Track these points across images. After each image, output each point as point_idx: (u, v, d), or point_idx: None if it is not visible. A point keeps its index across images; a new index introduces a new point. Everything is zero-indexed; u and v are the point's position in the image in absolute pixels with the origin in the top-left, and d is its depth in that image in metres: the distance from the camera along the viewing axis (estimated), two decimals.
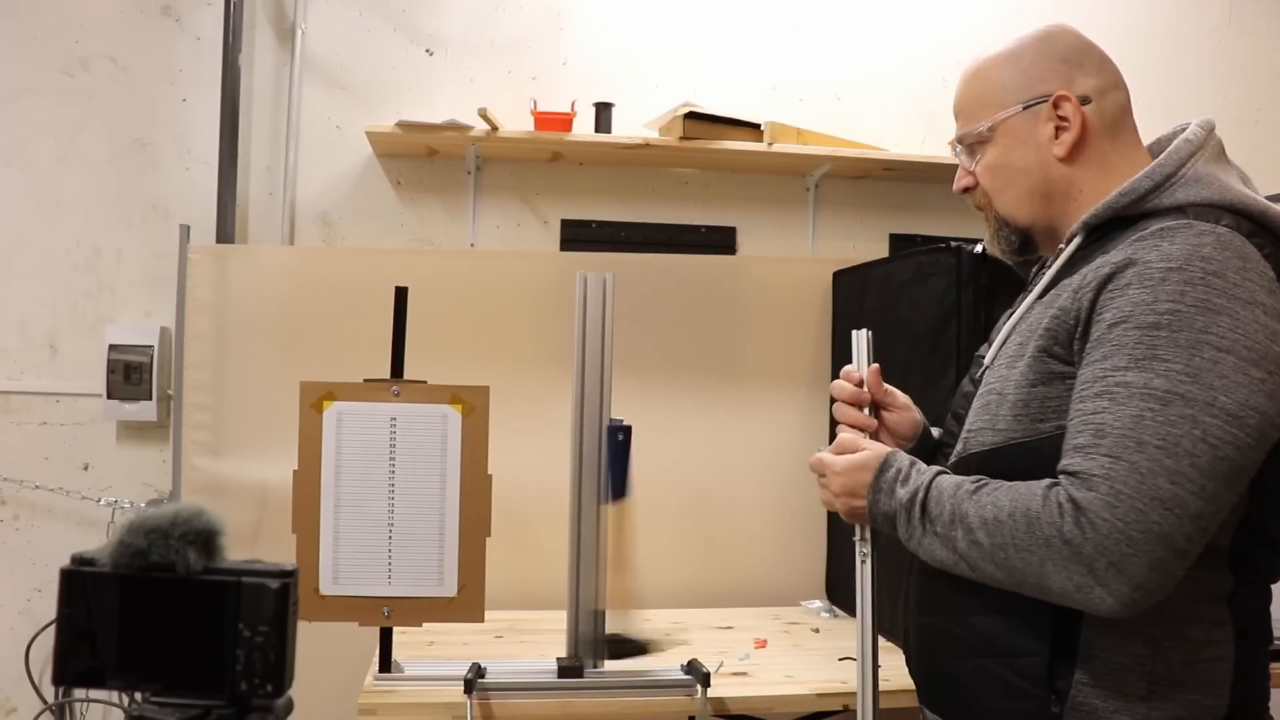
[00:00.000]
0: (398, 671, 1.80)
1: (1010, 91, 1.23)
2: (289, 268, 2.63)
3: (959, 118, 1.31)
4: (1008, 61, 1.25)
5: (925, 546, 1.16)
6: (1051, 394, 1.11)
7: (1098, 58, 1.24)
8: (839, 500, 1.26)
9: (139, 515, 0.79)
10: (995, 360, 1.22)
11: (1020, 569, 1.06)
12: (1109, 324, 1.06)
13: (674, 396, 2.65)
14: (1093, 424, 1.03)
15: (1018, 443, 1.13)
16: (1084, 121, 1.20)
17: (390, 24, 2.80)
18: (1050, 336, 1.12)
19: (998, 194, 1.27)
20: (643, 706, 1.78)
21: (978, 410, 1.21)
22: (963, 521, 1.11)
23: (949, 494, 1.13)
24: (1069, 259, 1.18)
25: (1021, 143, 1.23)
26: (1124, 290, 1.05)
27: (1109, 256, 1.09)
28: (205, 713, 0.77)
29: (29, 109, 2.69)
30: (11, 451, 2.67)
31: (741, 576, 2.60)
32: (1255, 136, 3.13)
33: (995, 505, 1.09)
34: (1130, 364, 1.02)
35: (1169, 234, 1.06)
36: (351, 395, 1.74)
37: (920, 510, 1.15)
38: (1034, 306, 1.20)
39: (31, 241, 2.69)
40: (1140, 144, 1.25)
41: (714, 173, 2.90)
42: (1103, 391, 1.04)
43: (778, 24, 2.92)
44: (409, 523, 1.74)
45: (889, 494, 1.19)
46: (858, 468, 1.23)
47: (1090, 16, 3.05)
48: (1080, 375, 1.08)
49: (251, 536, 2.46)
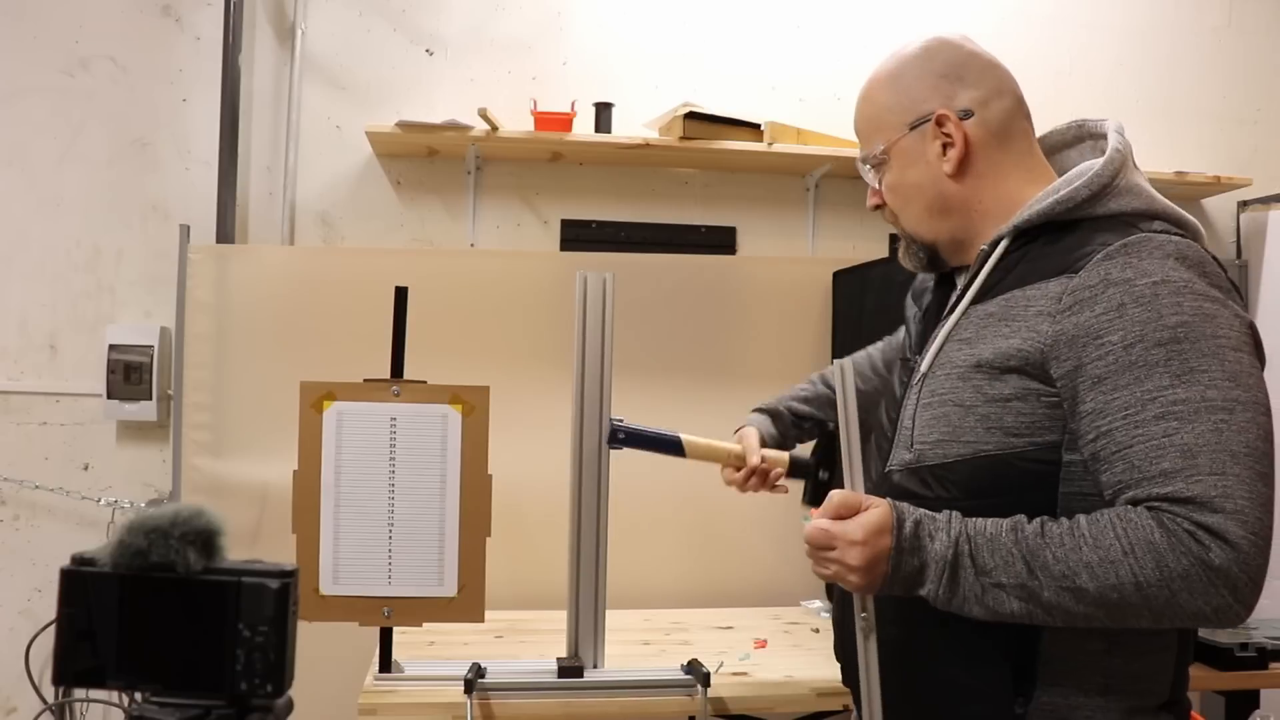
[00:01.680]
0: (398, 671, 1.80)
1: (896, 113, 1.25)
2: (289, 268, 2.63)
3: (859, 139, 1.32)
4: (890, 83, 1.27)
5: (975, 600, 1.07)
6: (1027, 409, 1.11)
7: (979, 68, 1.24)
8: (858, 575, 1.09)
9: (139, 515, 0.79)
10: (933, 369, 1.20)
11: (1137, 605, 1.03)
12: (1123, 346, 1.05)
13: (674, 396, 2.65)
14: (1173, 446, 1.02)
15: (989, 455, 1.12)
16: (966, 137, 1.21)
17: (390, 24, 2.80)
18: (1022, 357, 1.11)
19: (901, 212, 1.29)
20: (643, 706, 1.78)
21: (932, 420, 1.18)
22: (1046, 570, 1.04)
23: (1005, 542, 1.06)
24: (996, 264, 1.18)
25: (913, 163, 1.25)
26: (1120, 311, 1.06)
27: (1079, 280, 1.09)
28: (205, 713, 0.77)
29: (29, 109, 2.69)
30: (11, 451, 2.67)
31: (741, 576, 2.60)
32: (1255, 136, 3.13)
33: (1095, 547, 1.03)
34: (1174, 381, 1.03)
35: (1134, 249, 1.08)
36: (351, 395, 1.74)
37: (970, 563, 1.06)
38: (969, 313, 1.19)
39: (31, 241, 2.69)
40: (1034, 146, 1.26)
41: (714, 173, 2.90)
42: (1163, 413, 1.03)
43: (778, 24, 2.92)
44: (409, 523, 1.74)
45: (912, 551, 1.08)
46: (878, 531, 1.08)
47: (1090, 16, 3.06)
48: (1110, 401, 1.05)
49: (251, 536, 2.46)
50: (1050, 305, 1.10)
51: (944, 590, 1.07)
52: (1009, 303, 1.15)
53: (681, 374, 2.69)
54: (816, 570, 1.13)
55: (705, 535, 2.62)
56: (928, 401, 1.19)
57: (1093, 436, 1.07)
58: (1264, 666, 1.95)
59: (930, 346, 1.23)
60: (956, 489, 1.14)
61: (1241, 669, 1.94)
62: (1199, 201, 3.15)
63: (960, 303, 1.21)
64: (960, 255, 1.27)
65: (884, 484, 1.23)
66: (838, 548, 1.09)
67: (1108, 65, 3.06)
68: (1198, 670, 1.94)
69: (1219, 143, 3.11)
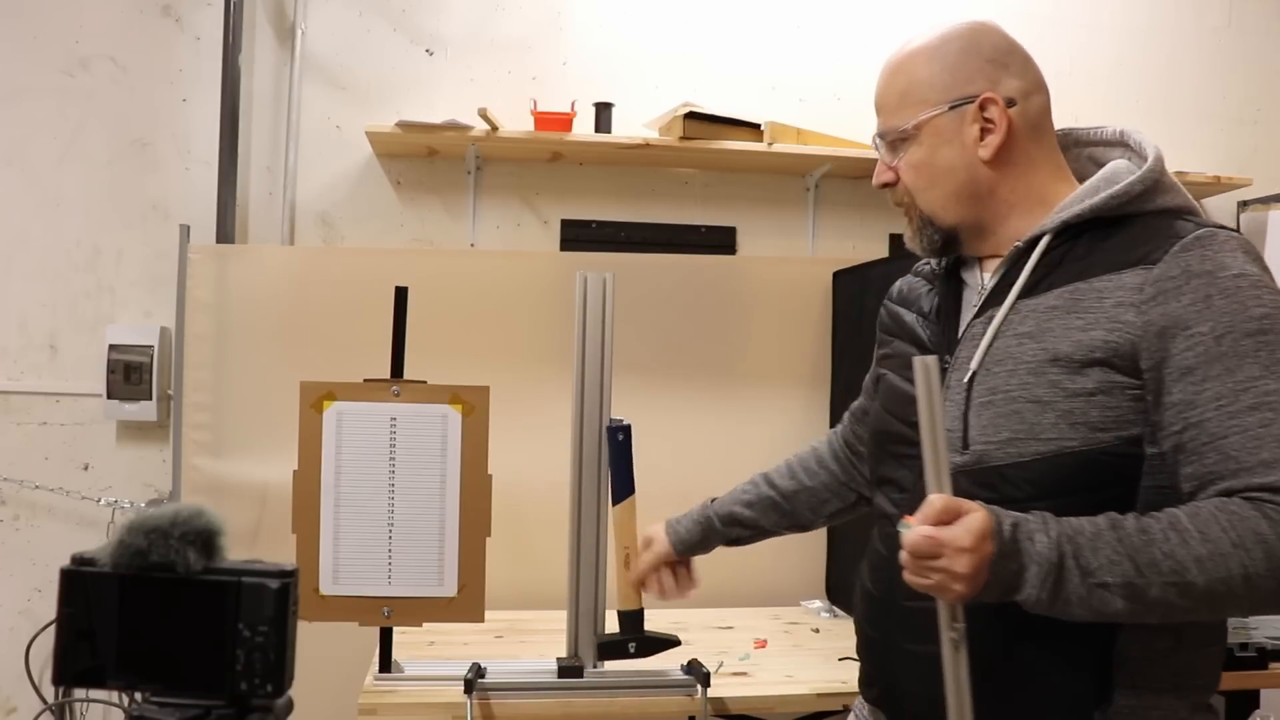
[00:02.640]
0: (398, 671, 1.80)
1: (936, 90, 1.22)
2: (289, 268, 2.63)
3: (881, 112, 1.27)
4: (933, 58, 1.22)
5: (1079, 602, 1.03)
6: (1111, 403, 1.09)
7: (1022, 59, 1.23)
8: (964, 583, 1.02)
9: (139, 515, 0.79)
10: (986, 366, 1.16)
11: (1242, 597, 1.02)
12: (1213, 337, 1.05)
13: (674, 396, 2.65)
14: (1271, 436, 1.02)
15: (1074, 451, 1.09)
16: (1010, 124, 1.20)
17: (390, 24, 2.80)
18: (1110, 349, 1.09)
19: (921, 193, 1.24)
20: (643, 706, 1.78)
21: (997, 419, 1.13)
22: (1154, 567, 1.01)
23: (1109, 540, 1.03)
24: (1041, 258, 1.17)
25: (947, 143, 1.21)
26: (1207, 302, 1.06)
27: (1159, 270, 1.08)
28: (205, 713, 0.77)
29: (29, 109, 2.69)
30: (11, 451, 2.67)
31: (741, 576, 2.59)
32: (1255, 136, 3.13)
33: (1204, 541, 1.01)
34: (1264, 372, 1.04)
35: (1207, 242, 1.09)
36: (351, 395, 1.74)
37: (1074, 564, 1.02)
38: (1017, 308, 1.16)
39: (31, 241, 2.69)
40: (1057, 145, 1.26)
41: (714, 173, 2.90)
42: (1257, 404, 1.03)
43: (778, 24, 2.92)
44: (409, 523, 1.74)
45: (1011, 556, 1.03)
46: (983, 536, 1.02)
47: (1090, 16, 3.06)
48: (1201, 391, 1.05)
49: (251, 536, 2.46)
50: (1131, 296, 1.09)
51: (1047, 593, 1.03)
52: (1075, 295, 1.12)
53: (681, 374, 2.69)
54: (914, 580, 1.05)
55: None
56: (986, 400, 1.14)
57: (1180, 428, 1.06)
58: (1264, 666, 1.95)
59: (970, 344, 1.19)
60: (1031, 488, 1.10)
61: (1241, 669, 1.94)
62: (1199, 201, 3.14)
63: (1006, 297, 1.17)
64: (978, 243, 1.25)
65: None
66: (945, 555, 1.02)
67: (1108, 65, 3.06)
68: None
69: (1219, 143, 3.10)
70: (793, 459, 1.63)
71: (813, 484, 1.57)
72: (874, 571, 1.29)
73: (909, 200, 1.26)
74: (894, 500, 1.26)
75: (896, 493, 1.25)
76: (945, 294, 1.28)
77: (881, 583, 1.26)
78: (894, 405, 1.29)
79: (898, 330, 1.35)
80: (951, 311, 1.26)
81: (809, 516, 1.58)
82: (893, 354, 1.33)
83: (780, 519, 1.59)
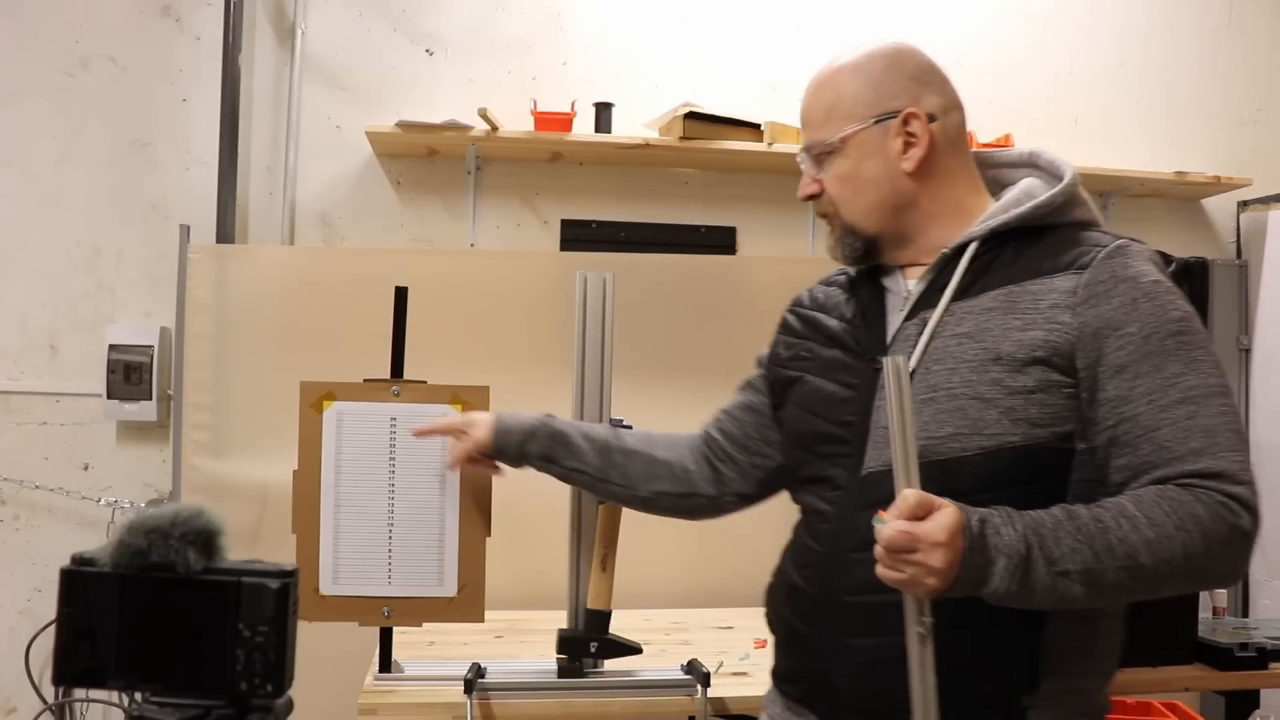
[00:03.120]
0: (398, 671, 1.80)
1: (861, 105, 1.28)
2: (289, 268, 2.63)
3: (807, 126, 1.33)
4: (858, 74, 1.29)
5: (1043, 591, 1.07)
6: (1049, 401, 1.15)
7: (941, 78, 1.31)
8: (937, 578, 1.04)
9: (139, 515, 0.79)
10: (925, 364, 1.20)
11: (1182, 575, 1.10)
12: (1142, 336, 1.14)
13: (674, 396, 2.64)
14: (1197, 427, 1.11)
15: (1015, 446, 1.15)
16: (931, 138, 1.26)
17: (390, 24, 2.80)
18: (1050, 348, 1.15)
19: (845, 204, 1.30)
20: (643, 706, 1.78)
21: (941, 415, 1.17)
22: (1110, 552, 1.07)
23: (1068, 530, 1.08)
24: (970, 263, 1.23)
25: (871, 156, 1.27)
26: (1134, 305, 1.15)
27: (1089, 275, 1.17)
28: (205, 713, 0.77)
29: (29, 109, 2.69)
30: (11, 451, 2.67)
31: (741, 576, 2.58)
32: (1255, 136, 3.13)
33: (1150, 524, 1.07)
34: (1185, 369, 1.13)
35: (1126, 251, 1.19)
36: (351, 395, 1.74)
37: (1040, 555, 1.06)
38: (952, 310, 1.22)
39: (31, 241, 2.70)
40: (973, 161, 1.34)
41: (714, 173, 2.90)
42: (1183, 399, 1.12)
43: (778, 24, 2.92)
44: (409, 523, 1.73)
45: (979, 550, 1.06)
46: (956, 531, 1.04)
47: (1090, 16, 3.06)
48: (1133, 387, 1.13)
49: (251, 536, 2.46)
50: (1066, 299, 1.16)
51: (1016, 584, 1.06)
52: (1010, 297, 1.19)
53: (681, 374, 2.68)
54: (887, 575, 1.06)
55: (705, 535, 2.61)
56: (927, 397, 1.19)
57: (1114, 422, 1.13)
58: (1264, 666, 1.95)
59: (905, 344, 1.24)
60: (974, 481, 1.15)
61: (1241, 669, 1.94)
62: (1199, 201, 3.15)
63: (938, 300, 1.23)
64: (898, 252, 1.31)
65: (865, 485, 1.22)
66: (920, 550, 1.04)
67: (1108, 65, 3.06)
68: (1197, 670, 1.94)
69: (1219, 143, 3.11)
70: (654, 431, 1.62)
71: (658, 455, 1.55)
72: (806, 567, 1.30)
73: (833, 210, 1.32)
74: (827, 498, 1.28)
75: (830, 490, 1.28)
76: (868, 299, 1.33)
77: (816, 578, 1.27)
78: (820, 407, 1.32)
79: (812, 335, 1.39)
80: (876, 315, 1.31)
81: (636, 481, 1.54)
82: (809, 357, 1.38)
83: (607, 468, 1.53)
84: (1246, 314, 3.05)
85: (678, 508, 1.56)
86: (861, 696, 1.21)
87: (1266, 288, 3.01)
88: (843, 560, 1.23)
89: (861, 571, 1.16)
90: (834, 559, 1.24)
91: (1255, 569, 2.95)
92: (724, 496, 1.54)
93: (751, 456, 1.51)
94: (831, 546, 1.25)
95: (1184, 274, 2.13)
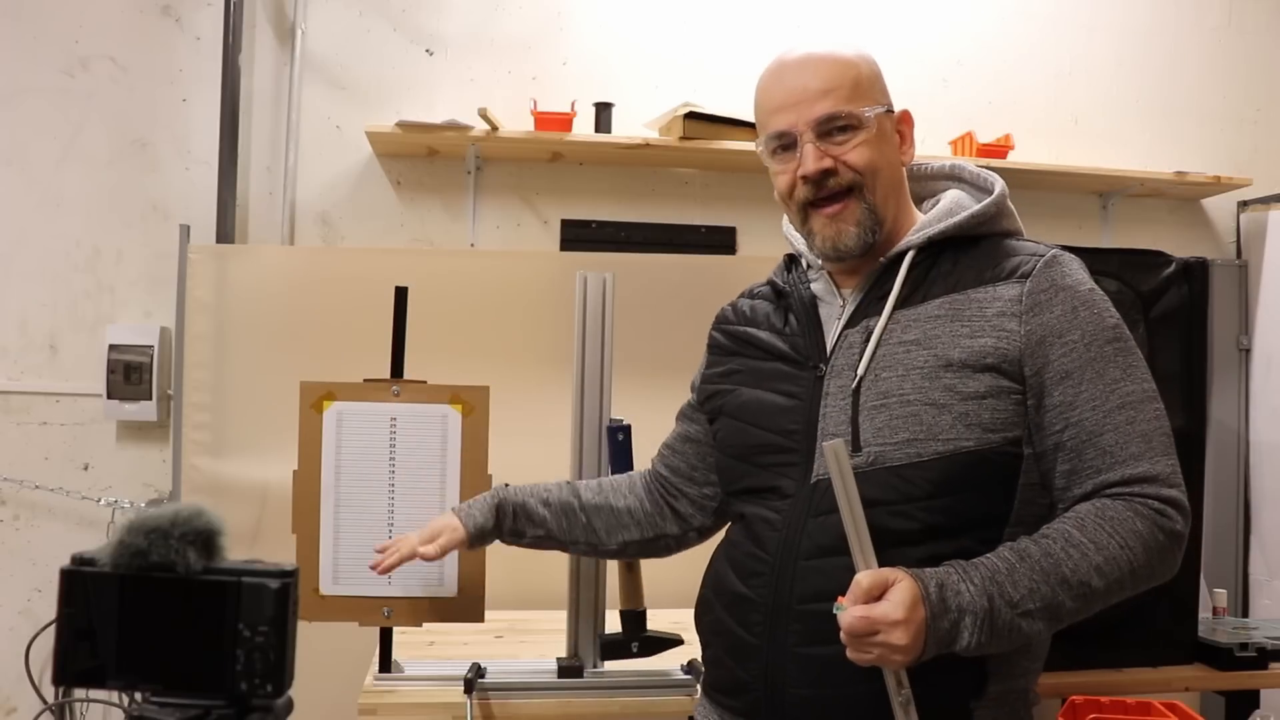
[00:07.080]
0: (398, 671, 1.80)
1: (879, 91, 1.30)
2: (289, 268, 2.63)
3: (828, 95, 1.24)
4: (865, 63, 1.30)
5: (1008, 635, 1.09)
6: (1000, 406, 1.17)
7: None
8: (904, 654, 1.06)
9: (139, 515, 0.79)
10: (873, 371, 1.20)
11: (1129, 586, 1.15)
12: (1084, 344, 1.18)
13: (674, 396, 2.64)
14: (1136, 432, 1.16)
15: (969, 451, 1.16)
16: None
17: (390, 24, 2.80)
18: (1000, 355, 1.18)
19: (873, 178, 1.26)
20: (643, 706, 1.78)
21: (894, 421, 1.18)
22: (1065, 584, 1.11)
23: (1023, 571, 1.10)
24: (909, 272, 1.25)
25: (887, 140, 1.29)
26: (1074, 313, 1.19)
27: (1031, 284, 1.19)
28: (205, 713, 0.77)
29: (29, 109, 2.69)
30: (11, 451, 2.67)
31: None
32: (1255, 136, 3.13)
33: (1097, 549, 1.12)
34: (1122, 375, 1.18)
35: (1061, 261, 1.23)
36: (351, 395, 1.74)
37: (1003, 604, 1.09)
38: (896, 318, 1.23)
39: (31, 241, 2.70)
40: None
41: (714, 173, 2.90)
42: (1122, 404, 1.17)
43: (778, 24, 2.92)
44: (409, 523, 1.73)
45: (942, 614, 1.07)
46: (913, 605, 1.06)
47: (1090, 16, 3.06)
48: (1078, 394, 1.17)
49: (251, 536, 2.46)
50: (1011, 307, 1.19)
51: (985, 636, 1.08)
52: (954, 305, 1.21)
53: (682, 374, 2.66)
54: (856, 658, 1.09)
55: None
56: (878, 404, 1.19)
57: (1060, 427, 1.17)
58: (1264, 666, 1.95)
59: (849, 351, 1.24)
60: (930, 486, 1.16)
61: (1241, 669, 1.94)
62: (1199, 201, 3.15)
63: (879, 308, 1.24)
64: (886, 246, 1.29)
65: (815, 494, 1.21)
66: (881, 631, 1.05)
67: (1108, 65, 3.06)
68: (1197, 670, 1.94)
69: (1219, 143, 3.11)
70: (604, 479, 1.62)
71: (617, 505, 1.54)
72: (754, 576, 1.26)
73: (859, 185, 1.26)
74: (775, 507, 1.27)
75: (779, 500, 1.26)
76: (800, 308, 1.34)
77: (764, 587, 1.24)
78: (759, 418, 1.31)
79: (743, 349, 1.40)
80: (812, 324, 1.31)
81: (602, 537, 1.53)
82: (742, 370, 1.38)
83: (572, 529, 1.52)
84: (1246, 314, 3.05)
85: (645, 552, 1.57)
86: (810, 707, 1.19)
87: (1266, 288, 3.01)
88: (793, 569, 1.21)
89: (813, 579, 1.18)
90: (784, 568, 1.22)
91: (1255, 569, 2.95)
92: (687, 533, 1.55)
93: (700, 488, 1.50)
94: (782, 555, 1.23)
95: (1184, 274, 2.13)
